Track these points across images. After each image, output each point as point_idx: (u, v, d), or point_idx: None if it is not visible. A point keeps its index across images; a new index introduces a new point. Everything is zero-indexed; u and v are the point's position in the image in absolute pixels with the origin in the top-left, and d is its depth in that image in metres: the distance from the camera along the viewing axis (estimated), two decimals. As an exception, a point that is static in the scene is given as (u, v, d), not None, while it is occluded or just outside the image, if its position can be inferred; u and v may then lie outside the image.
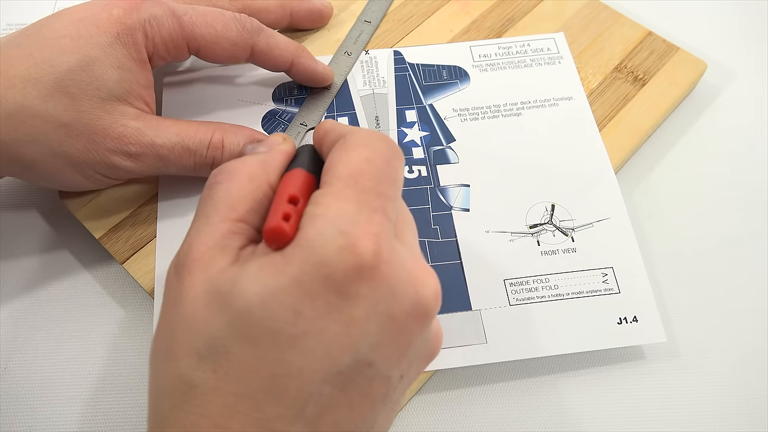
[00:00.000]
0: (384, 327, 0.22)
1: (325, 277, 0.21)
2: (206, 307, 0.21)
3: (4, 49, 0.30)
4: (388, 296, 0.21)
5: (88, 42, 0.30)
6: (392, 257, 0.22)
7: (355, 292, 0.21)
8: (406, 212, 0.25)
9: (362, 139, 0.25)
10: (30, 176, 0.31)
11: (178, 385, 0.21)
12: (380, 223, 0.22)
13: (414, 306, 0.22)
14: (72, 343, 0.34)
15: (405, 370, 0.23)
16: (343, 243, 0.21)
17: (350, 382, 0.21)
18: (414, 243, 0.24)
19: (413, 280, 0.22)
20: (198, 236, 0.23)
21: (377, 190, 0.23)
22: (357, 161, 0.23)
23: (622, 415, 0.32)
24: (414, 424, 0.32)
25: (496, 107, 0.39)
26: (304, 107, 0.38)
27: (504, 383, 0.33)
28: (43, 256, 0.36)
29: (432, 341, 0.24)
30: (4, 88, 0.29)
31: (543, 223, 0.35)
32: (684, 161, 0.40)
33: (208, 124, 0.33)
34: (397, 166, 0.25)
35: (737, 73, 0.44)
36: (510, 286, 0.33)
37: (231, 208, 0.24)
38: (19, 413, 0.32)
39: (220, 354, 0.21)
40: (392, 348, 0.22)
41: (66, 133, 0.29)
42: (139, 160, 0.31)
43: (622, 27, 0.42)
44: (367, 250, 0.21)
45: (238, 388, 0.21)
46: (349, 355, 0.21)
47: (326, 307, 0.21)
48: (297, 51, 0.36)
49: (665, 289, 0.35)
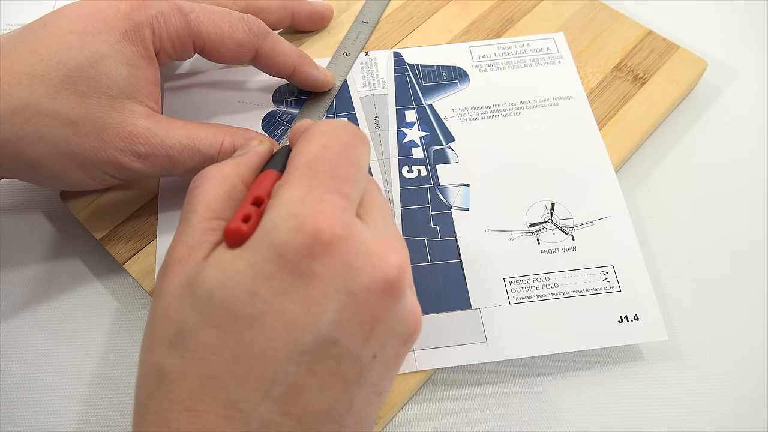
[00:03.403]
0: (344, 304, 0.22)
1: (277, 257, 0.22)
2: (177, 297, 0.23)
3: (8, 45, 0.29)
4: (345, 273, 0.22)
5: (96, 38, 0.29)
6: (347, 234, 0.22)
7: (309, 271, 0.22)
8: (375, 194, 0.26)
9: (322, 128, 0.25)
10: (33, 175, 0.31)
11: (153, 373, 0.22)
12: (333, 202, 0.22)
13: (373, 281, 0.22)
14: (72, 343, 0.34)
15: (378, 349, 0.23)
16: (292, 224, 0.22)
17: (316, 362, 0.22)
18: (380, 222, 0.24)
19: (372, 256, 0.22)
20: (180, 238, 0.24)
21: (332, 173, 0.23)
22: (314, 149, 0.24)
23: (623, 415, 0.31)
24: (414, 424, 0.32)
25: (496, 107, 0.39)
26: (304, 108, 0.38)
27: (504, 383, 0.32)
28: (44, 256, 0.36)
29: (407, 319, 0.24)
30: (9, 84, 0.28)
31: (543, 221, 0.34)
32: (685, 160, 0.40)
33: (218, 128, 0.32)
34: (359, 150, 0.25)
35: (738, 72, 0.44)
36: (510, 285, 0.33)
37: (207, 208, 0.25)
38: (19, 413, 0.32)
39: (187, 339, 0.22)
40: (356, 325, 0.22)
41: (74, 131, 0.29)
42: (148, 160, 0.31)
43: (621, 26, 0.42)
44: (316, 228, 0.22)
45: (204, 371, 0.21)
46: (310, 333, 0.21)
47: (281, 287, 0.21)
48: (299, 59, 0.36)
49: (665, 288, 0.35)
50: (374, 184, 0.26)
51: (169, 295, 0.23)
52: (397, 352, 0.24)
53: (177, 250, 0.24)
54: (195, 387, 0.21)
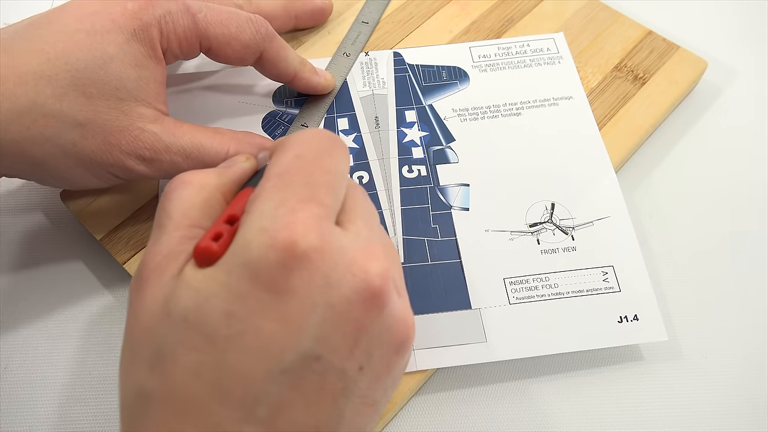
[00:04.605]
0: (325, 318, 0.21)
1: (252, 276, 0.21)
2: (154, 317, 0.22)
3: (11, 42, 0.28)
4: (323, 285, 0.21)
5: (105, 38, 0.29)
6: (323, 244, 0.21)
7: (286, 287, 0.21)
8: (358, 198, 0.25)
9: (296, 138, 0.25)
10: (38, 174, 0.30)
11: (135, 395, 0.22)
12: (306, 211, 0.22)
13: (355, 291, 0.21)
14: (72, 343, 0.34)
15: (364, 361, 0.22)
16: (264, 239, 0.21)
17: (300, 379, 0.21)
18: (363, 228, 0.23)
19: (352, 266, 0.22)
20: (154, 246, 0.23)
21: (306, 180, 0.23)
22: (286, 160, 0.23)
23: (622, 415, 0.31)
24: (414, 424, 0.32)
25: (496, 107, 0.39)
26: (304, 108, 0.38)
27: (504, 383, 0.32)
28: (44, 256, 0.36)
29: (395, 328, 0.23)
30: (15, 84, 0.27)
31: (543, 221, 0.34)
32: (685, 160, 0.40)
33: (223, 135, 0.32)
34: (335, 155, 0.24)
35: (738, 72, 0.44)
36: (510, 285, 0.33)
37: (184, 215, 0.24)
38: (19, 413, 0.32)
39: (166, 361, 0.21)
40: (339, 338, 0.21)
41: (81, 134, 0.28)
42: (152, 165, 0.30)
43: (621, 26, 0.42)
44: (289, 242, 0.21)
45: (186, 393, 0.21)
46: (290, 351, 0.21)
47: (258, 305, 0.21)
48: (300, 66, 0.36)
49: (665, 288, 0.35)
50: (358, 189, 0.25)
51: (145, 313, 0.22)
52: (388, 361, 0.23)
53: (151, 260, 0.23)
54: (178, 409, 0.21)
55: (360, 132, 0.38)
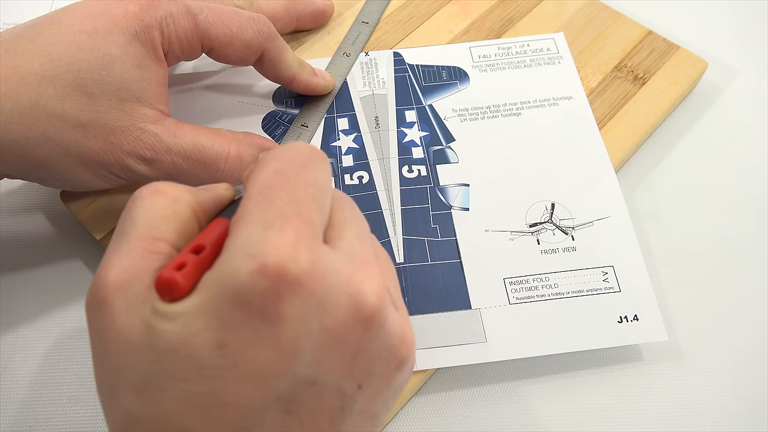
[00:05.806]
0: (321, 343, 0.20)
1: (243, 304, 0.20)
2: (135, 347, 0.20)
3: (14, 43, 0.28)
4: (318, 310, 0.20)
5: (107, 39, 0.29)
6: (314, 268, 0.20)
7: (279, 315, 0.20)
8: (346, 211, 0.24)
9: (273, 153, 0.23)
10: (39, 175, 0.30)
11: (126, 420, 0.21)
12: (294, 232, 0.20)
13: (350, 314, 0.21)
14: (72, 343, 0.34)
15: (362, 379, 0.22)
16: (253, 267, 0.20)
17: (294, 404, 0.21)
18: (356, 242, 0.23)
19: (346, 287, 0.21)
20: (115, 255, 0.22)
21: (290, 197, 0.21)
22: (266, 176, 0.22)
23: (623, 415, 0.31)
24: (414, 424, 0.32)
25: (496, 107, 0.39)
26: (304, 108, 0.38)
27: (504, 383, 0.32)
28: (44, 257, 0.36)
29: (394, 346, 0.22)
30: (17, 84, 0.27)
31: (543, 221, 0.34)
32: (685, 160, 0.40)
33: (224, 135, 0.32)
34: (318, 168, 0.23)
35: (738, 72, 0.44)
36: (510, 285, 0.33)
37: (151, 226, 0.22)
38: (19, 413, 0.32)
39: (155, 391, 0.20)
40: (336, 361, 0.21)
41: (82, 133, 0.29)
42: (153, 165, 0.30)
43: (621, 26, 0.42)
44: (279, 268, 0.20)
45: (178, 423, 0.20)
46: (284, 378, 0.20)
47: (251, 335, 0.20)
48: (298, 69, 0.36)
49: (665, 288, 0.35)
50: (344, 199, 0.24)
51: (120, 343, 0.20)
52: (389, 377, 0.23)
53: (110, 272, 0.21)
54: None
55: (360, 132, 0.38)
